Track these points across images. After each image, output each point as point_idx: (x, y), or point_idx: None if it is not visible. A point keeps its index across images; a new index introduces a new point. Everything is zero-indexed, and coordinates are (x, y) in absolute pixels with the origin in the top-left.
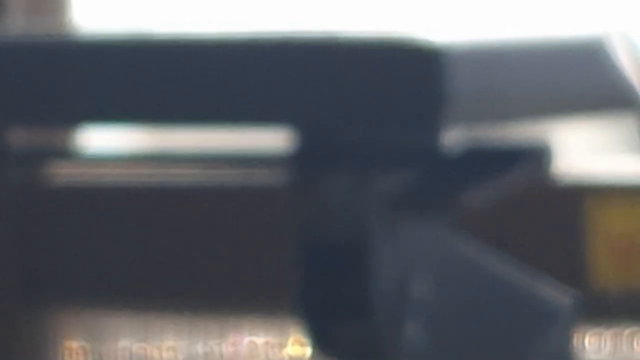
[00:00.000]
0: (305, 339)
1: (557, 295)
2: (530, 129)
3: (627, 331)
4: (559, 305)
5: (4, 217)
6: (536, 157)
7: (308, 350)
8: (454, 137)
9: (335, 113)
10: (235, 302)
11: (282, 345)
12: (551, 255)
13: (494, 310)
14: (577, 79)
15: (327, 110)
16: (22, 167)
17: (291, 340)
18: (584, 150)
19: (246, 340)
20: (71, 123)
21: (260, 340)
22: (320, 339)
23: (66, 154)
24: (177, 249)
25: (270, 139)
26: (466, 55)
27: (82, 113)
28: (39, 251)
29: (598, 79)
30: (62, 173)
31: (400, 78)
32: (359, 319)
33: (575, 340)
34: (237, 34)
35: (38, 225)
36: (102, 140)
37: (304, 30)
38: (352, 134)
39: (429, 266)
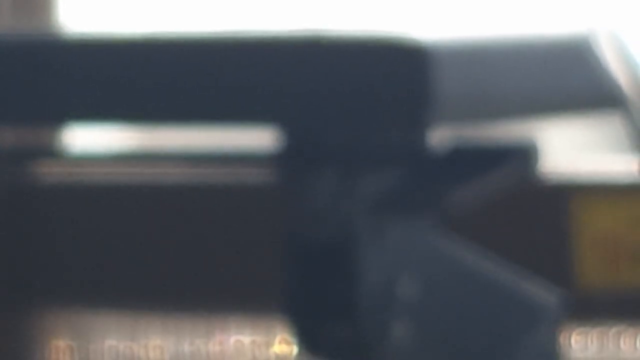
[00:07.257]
0: (291, 338)
1: (544, 294)
2: (517, 128)
3: (613, 330)
4: (545, 304)
5: None
6: (523, 156)
7: (294, 349)
8: (440, 136)
9: (322, 112)
10: (222, 301)
11: (268, 344)
12: (537, 254)
13: (481, 309)
14: (564, 78)
15: (314, 109)
16: (9, 165)
17: (278, 339)
18: (570, 149)
19: (233, 339)
20: (58, 122)
21: (246, 339)
22: (307, 338)
23: (53, 152)
24: (164, 248)
25: (258, 138)
26: (452, 54)
27: (69, 112)
28: (26, 250)
29: (585, 77)
30: (50, 172)
31: (386, 77)
32: (345, 318)
33: (562, 339)
34: (223, 34)
35: (24, 224)
36: (89, 139)
37: (291, 29)
38: (339, 133)
39: (416, 265)
